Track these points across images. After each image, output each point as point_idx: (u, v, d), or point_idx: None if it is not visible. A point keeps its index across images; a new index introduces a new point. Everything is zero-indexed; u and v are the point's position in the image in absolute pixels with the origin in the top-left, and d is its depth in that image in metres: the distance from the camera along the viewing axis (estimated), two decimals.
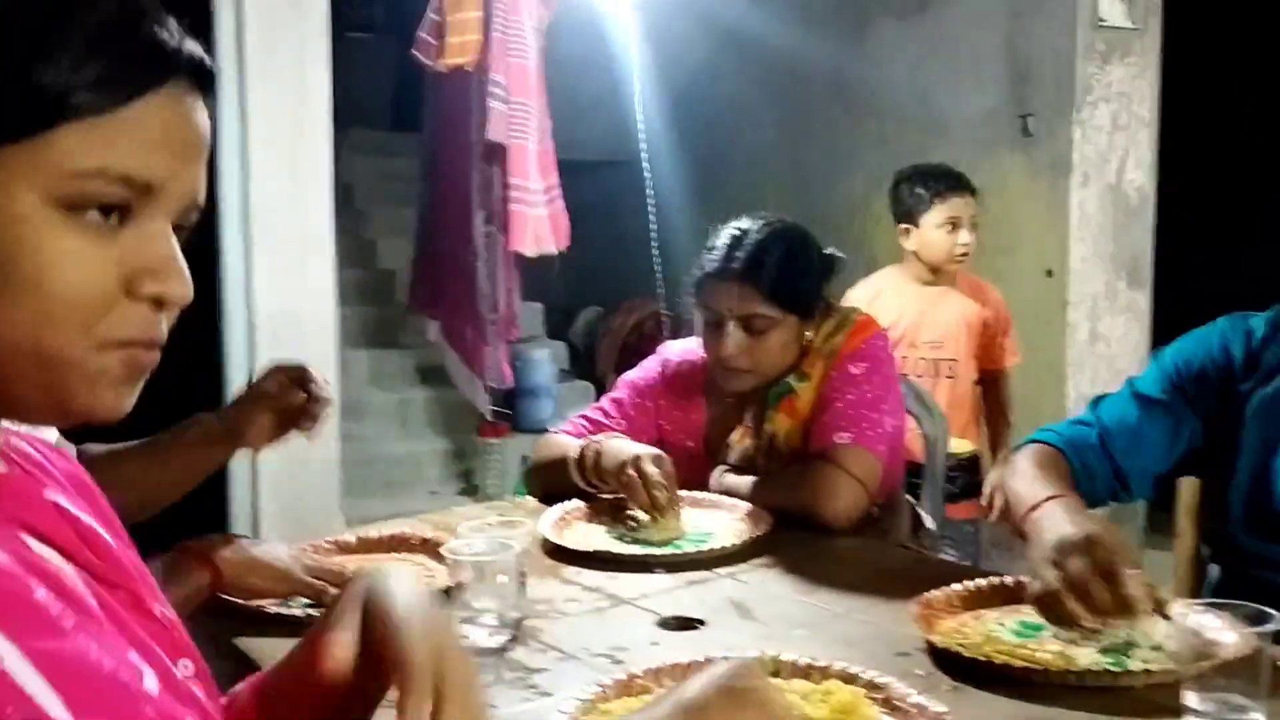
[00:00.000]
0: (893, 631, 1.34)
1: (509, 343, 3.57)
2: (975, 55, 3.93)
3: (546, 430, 4.11)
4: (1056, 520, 1.26)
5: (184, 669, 0.71)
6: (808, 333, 1.84)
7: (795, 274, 1.82)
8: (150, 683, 0.63)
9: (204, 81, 0.68)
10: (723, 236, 1.84)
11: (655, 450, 1.71)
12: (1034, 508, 1.33)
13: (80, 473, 0.79)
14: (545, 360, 4.41)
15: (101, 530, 0.73)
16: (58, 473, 0.75)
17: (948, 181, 2.89)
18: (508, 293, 3.45)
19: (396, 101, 6.06)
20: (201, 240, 0.73)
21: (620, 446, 1.74)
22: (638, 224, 4.49)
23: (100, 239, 0.62)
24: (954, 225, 2.86)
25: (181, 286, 0.65)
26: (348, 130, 3.16)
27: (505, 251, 3.40)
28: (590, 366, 5.24)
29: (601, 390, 4.99)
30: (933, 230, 2.85)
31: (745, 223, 1.85)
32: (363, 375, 4.23)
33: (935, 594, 1.35)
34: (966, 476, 2.86)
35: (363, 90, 3.31)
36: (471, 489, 3.98)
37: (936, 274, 2.91)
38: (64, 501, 0.72)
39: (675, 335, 3.93)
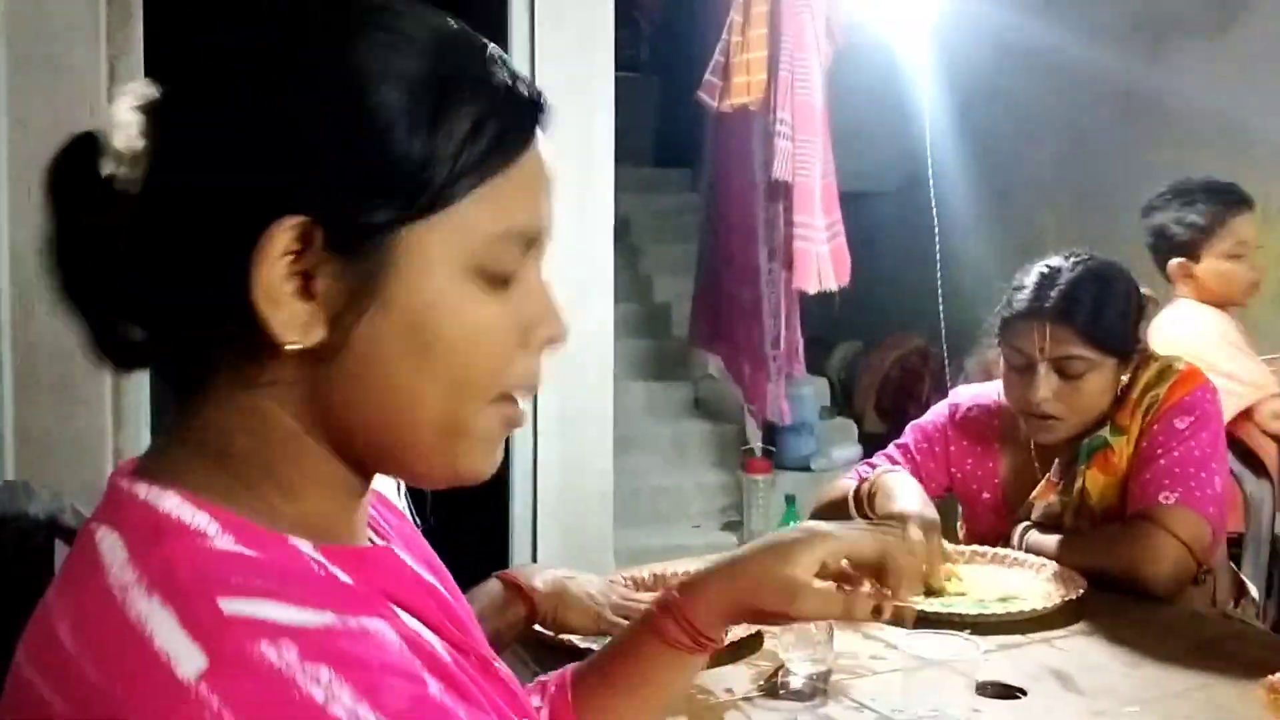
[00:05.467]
0: (1239, 713, 1.23)
1: (789, 378, 3.56)
2: None
3: (809, 468, 4.13)
4: None
5: None
6: (1123, 377, 1.72)
7: (1113, 313, 1.70)
8: None
9: (543, 119, 0.66)
10: (1031, 275, 1.74)
11: (928, 515, 1.63)
12: None
13: (411, 528, 0.80)
14: (808, 396, 4.34)
15: (441, 588, 0.73)
16: (395, 533, 0.75)
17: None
18: (790, 329, 3.45)
19: (660, 139, 6.22)
20: None
21: (892, 492, 1.69)
22: (900, 256, 4.37)
23: (500, 299, 0.62)
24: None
25: (564, 325, 0.65)
26: (616, 167, 3.27)
27: (788, 288, 3.40)
28: (848, 402, 5.14)
29: (863, 428, 4.89)
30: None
31: (1055, 260, 1.75)
32: (634, 407, 4.32)
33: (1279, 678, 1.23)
34: None
35: (629, 128, 3.43)
36: (733, 525, 3.97)
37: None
38: (410, 560, 0.72)
39: (945, 369, 3.81)
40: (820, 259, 3.18)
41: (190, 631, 0.52)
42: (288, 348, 0.58)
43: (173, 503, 0.58)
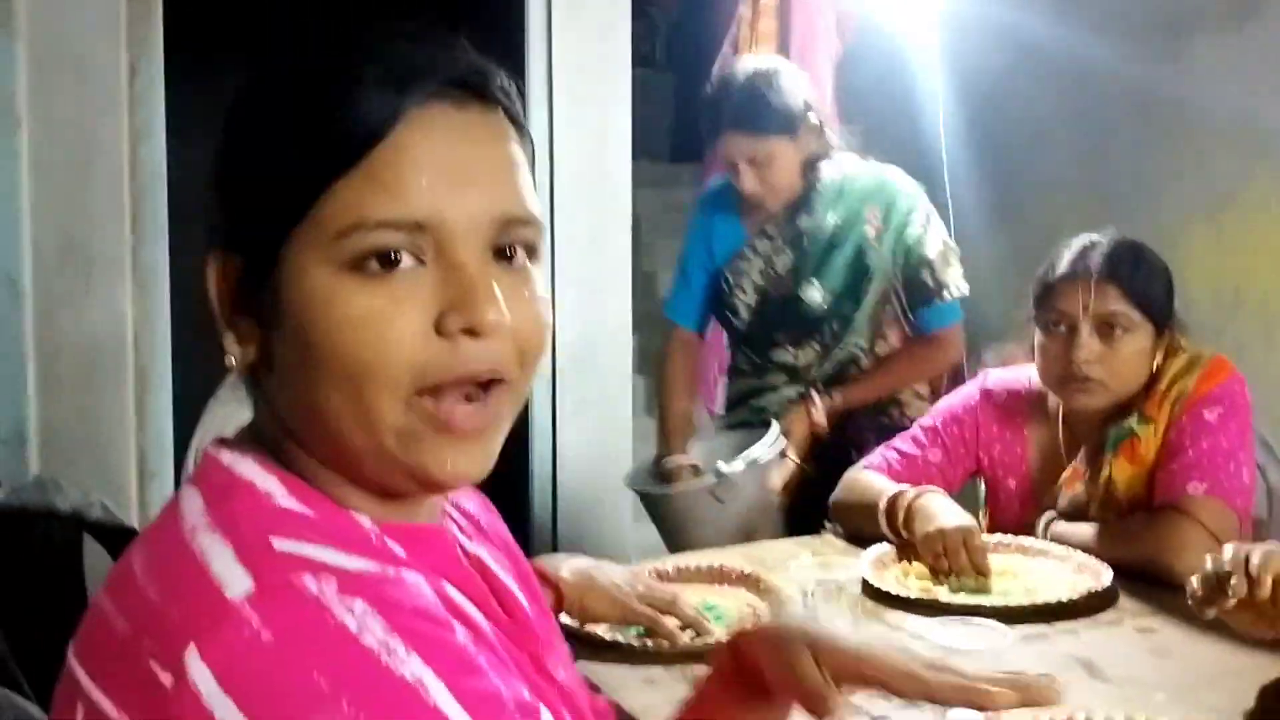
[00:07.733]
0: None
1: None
2: None
3: None
4: None
5: None
6: (1156, 358, 1.72)
7: (1152, 277, 1.73)
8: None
9: (484, 91, 0.66)
10: (1071, 244, 1.76)
11: (967, 523, 1.62)
12: None
13: (507, 535, 0.82)
14: None
15: (519, 592, 0.76)
16: (491, 531, 0.79)
17: None
18: None
19: (674, 134, 6.22)
20: None
21: (931, 510, 1.66)
22: None
23: (393, 288, 0.62)
24: None
25: (490, 312, 0.62)
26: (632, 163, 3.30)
27: None
28: None
29: None
30: None
31: (1093, 235, 1.78)
32: (645, 402, 4.32)
33: None
34: None
35: (644, 124, 3.44)
36: None
37: None
38: (488, 558, 0.75)
39: (963, 365, 3.79)
40: None
41: (243, 561, 0.58)
42: (230, 362, 0.66)
43: (249, 467, 0.65)
